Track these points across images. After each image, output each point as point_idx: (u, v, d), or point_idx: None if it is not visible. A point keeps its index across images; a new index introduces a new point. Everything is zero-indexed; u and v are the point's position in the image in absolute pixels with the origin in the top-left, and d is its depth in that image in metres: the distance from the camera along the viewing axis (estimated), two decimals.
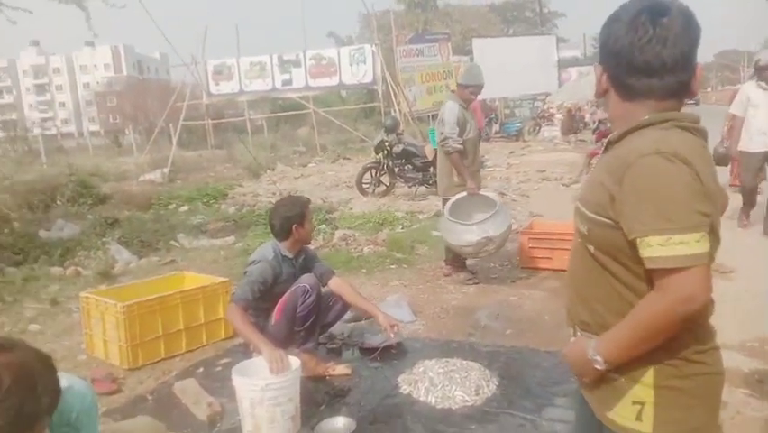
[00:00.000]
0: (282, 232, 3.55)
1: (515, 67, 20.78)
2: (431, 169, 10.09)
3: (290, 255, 3.59)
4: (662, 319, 1.19)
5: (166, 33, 16.87)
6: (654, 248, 1.15)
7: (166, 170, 14.68)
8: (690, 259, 1.14)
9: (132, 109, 39.18)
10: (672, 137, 1.21)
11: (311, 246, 3.94)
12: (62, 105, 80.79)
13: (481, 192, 5.19)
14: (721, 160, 6.16)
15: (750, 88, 5.99)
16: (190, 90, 19.86)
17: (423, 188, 10.29)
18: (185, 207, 9.93)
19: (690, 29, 1.23)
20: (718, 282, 3.80)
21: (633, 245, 1.19)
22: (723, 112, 6.50)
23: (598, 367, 1.29)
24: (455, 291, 5.01)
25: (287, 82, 18.50)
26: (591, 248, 1.31)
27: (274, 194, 11.03)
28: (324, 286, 3.70)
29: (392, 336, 3.61)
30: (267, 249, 3.56)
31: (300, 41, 39.60)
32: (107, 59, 79.65)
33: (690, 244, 1.13)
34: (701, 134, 1.28)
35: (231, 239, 7.30)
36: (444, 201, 5.21)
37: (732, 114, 6.13)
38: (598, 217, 1.26)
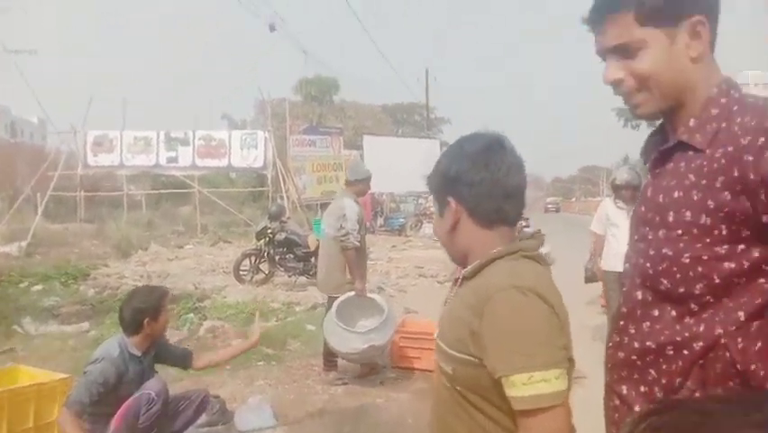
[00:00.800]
0: (132, 326, 3.28)
1: (402, 165, 21.76)
2: (312, 259, 10.04)
3: (138, 353, 3.30)
4: None
5: (51, 99, 16.05)
6: (519, 387, 1.15)
7: (24, 243, 13.43)
8: (552, 397, 1.15)
9: None
10: (523, 269, 1.27)
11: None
12: None
13: (370, 295, 5.15)
14: (590, 278, 6.15)
15: (609, 207, 5.70)
16: (66, 160, 18.75)
17: (303, 279, 10.17)
18: (38, 287, 9.02)
19: (521, 162, 1.37)
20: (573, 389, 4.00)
21: (498, 383, 1.19)
22: (585, 221, 7.03)
23: None
24: (322, 392, 4.86)
25: (172, 159, 18.05)
26: (457, 387, 1.29)
27: (142, 276, 10.39)
28: (191, 368, 3.45)
29: None
30: (112, 345, 3.26)
31: (191, 120, 39.15)
32: None
33: (551, 382, 1.15)
34: (544, 262, 1.36)
35: (85, 326, 6.69)
36: (331, 299, 5.11)
37: (593, 231, 5.89)
38: (461, 355, 1.25)
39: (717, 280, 1.06)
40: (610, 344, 1.25)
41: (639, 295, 1.19)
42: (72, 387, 3.18)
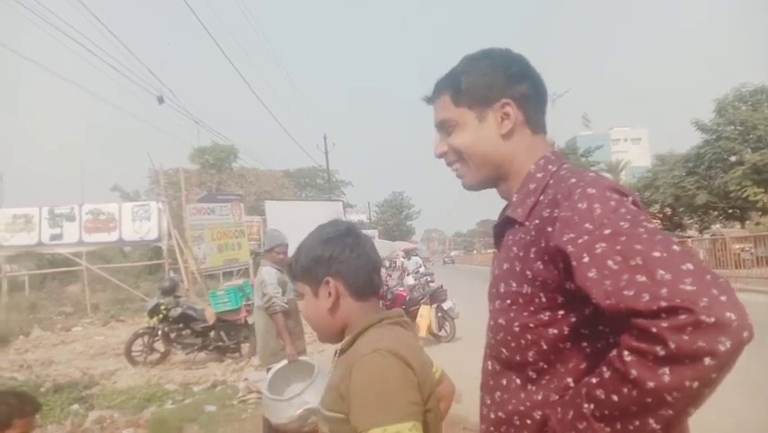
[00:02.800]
0: None
1: (306, 228, 21.39)
2: (211, 333, 9.63)
3: None
4: None
5: None
6: None
7: None
8: None
9: None
10: (387, 334, 1.41)
11: None
12: None
13: (300, 358, 4.95)
14: None
15: None
16: None
17: (202, 355, 9.67)
18: None
19: (373, 243, 1.59)
20: None
21: None
22: (485, 271, 7.22)
23: None
24: None
25: (56, 236, 16.96)
26: None
27: (21, 366, 9.44)
28: None
29: None
30: None
31: (78, 194, 37.11)
32: None
33: None
34: (409, 326, 1.53)
35: None
36: (270, 370, 4.92)
37: None
38: (333, 414, 1.37)
39: (545, 347, 1.10)
40: (479, 417, 1.28)
41: (489, 365, 1.23)
42: None
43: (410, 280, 16.48)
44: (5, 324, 13.71)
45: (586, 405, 0.97)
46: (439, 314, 10.16)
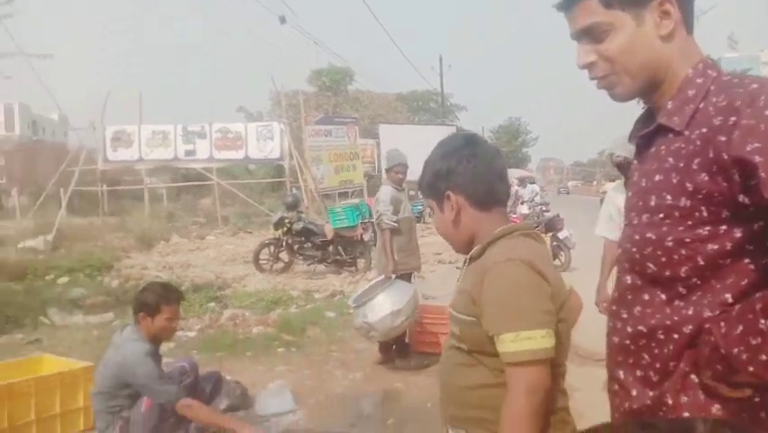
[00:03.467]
0: (134, 315, 3.32)
1: (418, 153, 21.53)
2: (329, 247, 10.14)
3: (153, 347, 3.29)
4: (517, 414, 1.29)
5: (68, 96, 16.33)
6: (507, 344, 1.32)
7: (50, 237, 13.67)
8: (536, 353, 1.30)
9: (21, 170, 36.68)
10: (520, 245, 1.44)
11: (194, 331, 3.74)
12: None
13: (395, 279, 5.03)
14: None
15: (617, 197, 3.57)
16: (86, 155, 19.02)
17: (321, 267, 10.25)
18: (64, 279, 9.20)
19: (499, 149, 1.64)
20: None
21: (492, 341, 1.35)
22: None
23: None
24: (342, 378, 4.90)
25: (190, 152, 18.21)
26: (463, 345, 1.45)
27: (164, 267, 10.54)
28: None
29: None
30: (135, 344, 3.19)
31: (207, 113, 39.34)
32: None
33: (536, 340, 1.30)
34: (540, 239, 1.57)
35: (109, 316, 6.81)
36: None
37: (603, 237, 3.75)
38: (465, 317, 1.43)
39: (702, 263, 1.05)
40: (607, 329, 1.26)
41: (629, 280, 1.19)
42: (155, 396, 3.12)
43: (524, 209, 16.14)
44: (149, 230, 15.24)
45: (762, 321, 0.93)
46: (554, 243, 9.96)
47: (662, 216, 1.09)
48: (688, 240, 1.06)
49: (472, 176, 1.49)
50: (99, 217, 18.50)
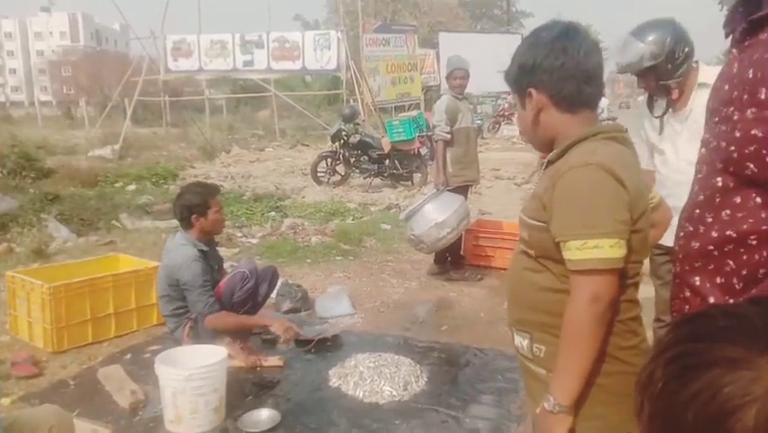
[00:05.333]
0: (183, 221, 3.41)
1: (480, 63, 20.79)
2: (386, 161, 10.13)
3: (204, 247, 3.42)
4: (577, 322, 1.27)
5: (128, 5, 16.38)
6: (573, 251, 1.27)
7: (117, 147, 14.24)
8: (602, 262, 1.25)
9: (88, 81, 37.79)
10: (601, 148, 1.33)
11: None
12: (13, 71, 77.27)
13: (447, 191, 4.95)
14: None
15: (646, 124, 2.77)
16: (147, 65, 19.31)
17: (377, 180, 10.30)
18: (132, 186, 9.66)
19: (597, 44, 1.41)
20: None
21: (558, 247, 1.31)
22: None
23: (565, 414, 1.31)
24: (398, 286, 5.03)
25: (248, 63, 18.13)
26: (531, 251, 1.41)
27: (226, 177, 10.85)
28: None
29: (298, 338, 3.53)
30: (185, 249, 3.32)
31: (265, 21, 38.82)
32: (64, 26, 76.57)
33: (603, 249, 1.24)
34: (628, 143, 1.42)
35: (175, 222, 7.11)
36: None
37: (649, 170, 2.68)
38: (534, 222, 1.39)
39: None
40: (681, 234, 1.19)
41: (719, 181, 1.10)
42: (191, 302, 3.31)
43: None
44: (210, 141, 15.61)
45: None
46: None
47: None
48: None
49: (559, 74, 1.34)
50: (163, 128, 19.03)
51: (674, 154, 2.59)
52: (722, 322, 0.58)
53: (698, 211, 1.15)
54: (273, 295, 4.09)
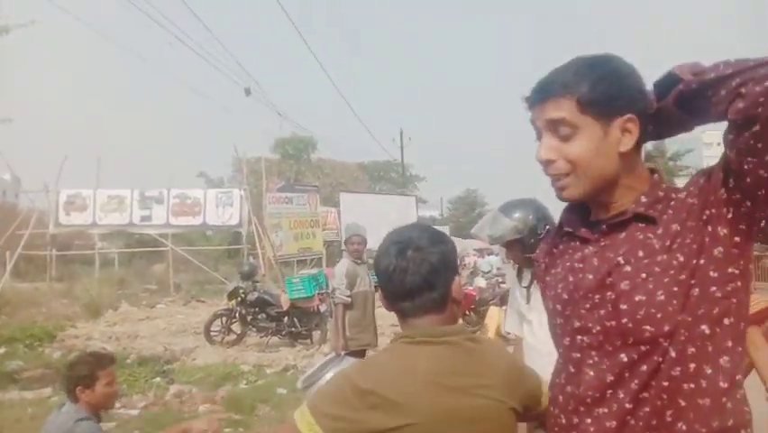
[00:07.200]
0: (69, 394, 3.14)
1: (378, 221, 21.77)
2: (285, 318, 9.96)
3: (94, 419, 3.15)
4: None
5: (24, 158, 16.01)
6: None
7: None
8: None
9: None
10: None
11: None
12: None
13: (345, 356, 4.95)
14: None
15: (517, 291, 2.90)
16: (37, 218, 18.52)
17: (275, 339, 10.03)
18: (1, 350, 8.76)
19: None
20: None
21: None
22: None
23: None
24: None
25: (146, 218, 17.95)
26: None
27: (110, 338, 10.17)
28: None
29: None
30: (89, 425, 2.98)
31: (166, 178, 39.06)
32: None
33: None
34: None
35: (47, 391, 6.47)
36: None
37: (514, 335, 2.97)
38: None
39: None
40: (588, 419, 1.23)
41: (624, 357, 1.17)
42: None
43: (481, 282, 16.23)
44: (97, 297, 14.73)
45: None
46: None
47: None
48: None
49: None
50: (46, 283, 17.80)
51: (539, 324, 2.69)
52: None
53: (610, 391, 1.17)
54: None
